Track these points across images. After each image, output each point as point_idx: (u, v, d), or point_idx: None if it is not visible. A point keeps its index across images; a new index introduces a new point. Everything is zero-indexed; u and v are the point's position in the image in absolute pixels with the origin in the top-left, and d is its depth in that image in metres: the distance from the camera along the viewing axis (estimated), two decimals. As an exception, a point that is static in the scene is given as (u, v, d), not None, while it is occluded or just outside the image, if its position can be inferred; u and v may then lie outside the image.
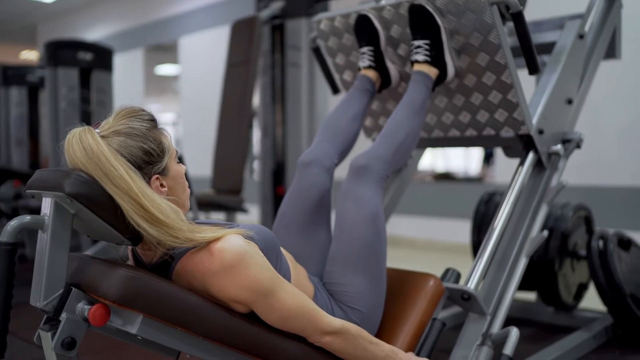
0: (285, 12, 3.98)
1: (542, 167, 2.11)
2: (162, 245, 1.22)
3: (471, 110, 2.07)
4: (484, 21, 1.85)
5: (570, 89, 2.20)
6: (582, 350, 2.43)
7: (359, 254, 1.60)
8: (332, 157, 1.85)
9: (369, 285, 1.59)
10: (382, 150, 1.74)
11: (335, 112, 1.98)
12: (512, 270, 1.93)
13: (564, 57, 2.13)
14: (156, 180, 1.25)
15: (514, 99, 1.95)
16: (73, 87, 4.56)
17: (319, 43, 2.33)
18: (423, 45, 1.93)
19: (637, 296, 2.52)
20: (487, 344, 1.79)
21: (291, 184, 1.84)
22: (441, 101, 2.13)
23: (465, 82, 2.02)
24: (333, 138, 1.89)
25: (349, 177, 1.71)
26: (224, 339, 1.27)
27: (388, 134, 1.80)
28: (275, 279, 1.29)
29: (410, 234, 5.68)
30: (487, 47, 1.90)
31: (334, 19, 2.17)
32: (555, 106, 2.12)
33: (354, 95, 2.02)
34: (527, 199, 2.07)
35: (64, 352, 1.15)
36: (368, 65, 2.06)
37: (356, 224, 1.62)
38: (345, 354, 1.41)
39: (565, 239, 2.77)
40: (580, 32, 2.20)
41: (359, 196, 1.66)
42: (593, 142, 4.35)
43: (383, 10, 2.03)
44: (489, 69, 1.94)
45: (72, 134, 1.21)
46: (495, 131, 2.07)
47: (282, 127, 4.11)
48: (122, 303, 1.14)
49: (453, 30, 1.94)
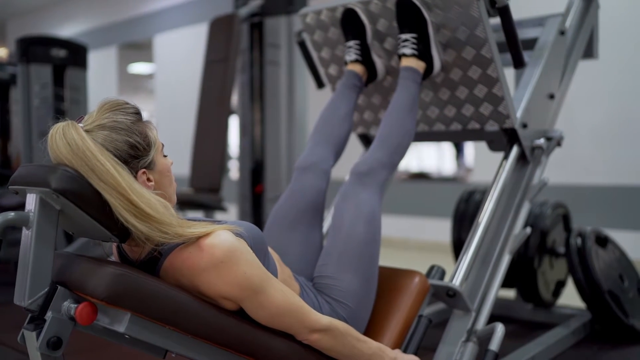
0: (264, 10, 3.95)
1: (525, 162, 2.13)
2: (151, 241, 1.20)
3: (456, 104, 2.09)
4: (471, 15, 1.87)
5: (552, 84, 2.23)
6: (562, 346, 2.46)
7: (354, 252, 1.61)
8: (328, 160, 1.88)
9: (360, 283, 1.59)
10: (381, 155, 1.78)
11: (326, 113, 1.99)
12: (495, 267, 1.94)
13: (546, 53, 2.16)
14: (143, 175, 1.23)
15: (499, 92, 1.97)
16: (46, 85, 4.47)
17: (305, 37, 2.32)
18: (410, 38, 1.93)
19: (614, 292, 2.56)
20: (472, 340, 1.80)
21: (288, 187, 1.86)
22: (427, 95, 2.14)
23: (451, 76, 2.04)
24: (327, 140, 1.92)
25: (351, 183, 1.74)
26: (212, 337, 1.25)
27: (384, 137, 1.82)
28: (264, 276, 1.28)
29: (387, 233, 5.70)
30: (474, 41, 1.92)
31: (320, 12, 2.16)
32: (538, 101, 2.14)
33: (343, 93, 2.02)
34: (509, 195, 2.09)
35: (50, 352, 1.12)
36: (354, 59, 2.06)
37: (354, 222, 1.65)
38: (332, 352, 1.41)
39: (544, 237, 2.80)
40: (561, 29, 2.23)
41: (358, 198, 1.69)
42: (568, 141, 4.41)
43: (370, 4, 2.03)
44: (475, 62, 1.96)
45: (55, 129, 1.17)
46: (480, 125, 2.09)
47: (260, 125, 4.08)
48: (110, 301, 1.12)
49: (440, 24, 1.95)
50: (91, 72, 4.82)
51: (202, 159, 3.81)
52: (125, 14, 8.37)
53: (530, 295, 2.84)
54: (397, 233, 5.67)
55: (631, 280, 2.73)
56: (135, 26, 8.21)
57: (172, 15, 7.66)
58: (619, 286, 2.61)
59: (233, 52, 3.73)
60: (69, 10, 9.36)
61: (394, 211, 5.64)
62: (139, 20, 8.15)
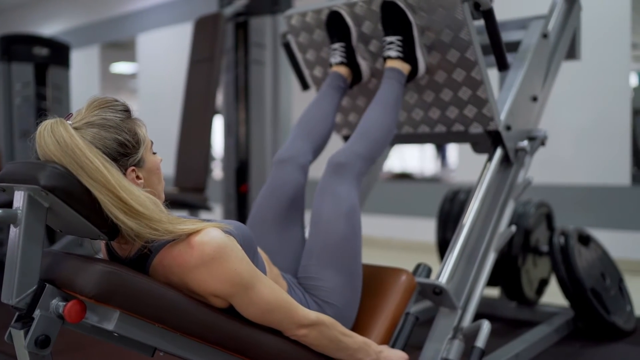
0: (249, 10, 3.95)
1: (508, 163, 2.15)
2: (140, 238, 1.19)
3: (441, 106, 2.10)
4: (455, 18, 1.88)
5: (535, 86, 2.25)
6: (545, 344, 2.49)
7: (335, 249, 1.61)
8: (307, 155, 1.87)
9: (344, 280, 1.60)
10: (358, 147, 1.77)
11: (309, 110, 1.99)
12: (481, 265, 1.96)
13: (530, 55, 2.18)
14: (132, 172, 1.22)
15: (483, 95, 1.98)
16: (28, 83, 4.42)
17: (290, 39, 2.32)
18: (395, 41, 1.94)
19: (596, 290, 2.59)
20: (458, 338, 1.81)
21: (266, 182, 1.84)
22: (411, 97, 2.15)
23: (435, 79, 2.05)
24: (307, 136, 1.91)
25: (326, 174, 1.72)
26: (202, 335, 1.25)
27: (364, 130, 1.82)
28: (254, 273, 1.28)
29: (369, 232, 5.72)
30: (458, 43, 1.93)
31: (305, 14, 2.17)
32: (522, 103, 2.17)
33: (327, 93, 2.03)
34: (494, 194, 2.11)
35: (38, 351, 1.12)
36: (339, 61, 2.06)
37: (333, 219, 1.64)
38: (319, 347, 1.42)
39: (528, 236, 2.83)
40: (544, 32, 2.25)
41: (336, 192, 1.68)
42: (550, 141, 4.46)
43: (355, 7, 2.03)
44: (459, 65, 1.97)
45: (43, 126, 1.17)
46: (464, 127, 2.10)
47: (245, 125, 4.08)
48: (99, 299, 1.11)
49: (424, 27, 1.96)
50: (74, 71, 4.78)
51: (186, 159, 3.79)
52: (108, 12, 8.30)
53: (514, 293, 2.87)
54: (381, 233, 5.69)
55: (612, 278, 2.77)
56: (118, 25, 8.15)
57: (156, 14, 7.61)
58: (601, 284, 2.65)
59: (218, 52, 3.72)
60: (51, 8, 9.26)
61: (378, 211, 5.65)
62: (122, 19, 8.09)
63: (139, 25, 7.81)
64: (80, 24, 8.75)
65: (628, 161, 4.28)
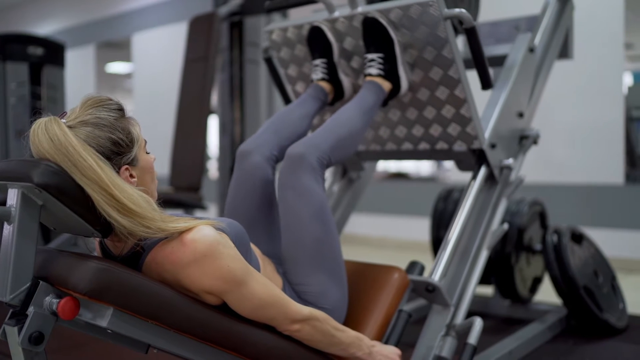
0: (244, 9, 3.96)
1: (493, 181, 2.11)
2: (133, 236, 1.20)
3: (424, 124, 2.07)
4: (438, 36, 1.84)
5: (521, 102, 2.22)
6: (539, 341, 2.50)
7: (312, 252, 1.58)
8: (272, 148, 1.77)
9: (329, 280, 1.59)
10: (320, 140, 1.68)
11: (283, 112, 1.93)
12: (474, 263, 1.98)
13: (515, 72, 2.14)
14: (126, 171, 1.23)
15: (467, 113, 1.94)
16: (23, 83, 4.42)
17: (271, 54, 2.26)
18: (377, 58, 1.90)
19: (589, 288, 2.61)
20: (451, 335, 1.83)
21: (232, 177, 1.77)
22: (394, 114, 2.11)
23: (418, 96, 2.01)
24: (276, 131, 1.83)
25: (285, 168, 1.64)
26: (195, 332, 1.26)
27: (329, 126, 1.75)
28: (247, 269, 1.29)
29: (365, 232, 5.73)
30: (441, 61, 1.89)
31: (286, 29, 2.12)
32: (507, 120, 2.13)
33: (305, 100, 1.97)
34: (485, 196, 2.10)
35: (32, 348, 1.12)
36: (321, 77, 2.01)
37: (303, 221, 1.59)
38: (313, 341, 1.44)
39: (521, 234, 2.84)
40: (530, 46, 2.22)
41: (299, 188, 1.60)
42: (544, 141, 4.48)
43: (336, 22, 1.99)
44: (443, 83, 1.93)
45: (37, 124, 1.17)
46: (448, 145, 2.06)
47: (240, 124, 4.09)
48: (93, 296, 1.12)
49: (407, 44, 1.92)
50: (69, 71, 4.78)
51: (182, 158, 3.80)
52: (103, 12, 8.30)
53: (507, 291, 2.89)
54: (376, 232, 5.71)
55: (605, 276, 2.79)
56: (113, 25, 8.14)
57: (151, 14, 7.61)
58: (593, 282, 2.66)
59: (213, 51, 3.73)
60: (46, 8, 9.25)
61: (373, 210, 5.67)
62: (117, 18, 8.08)
63: (134, 25, 7.80)
64: (75, 24, 8.74)
65: (621, 160, 4.31)
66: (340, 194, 2.51)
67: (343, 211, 2.49)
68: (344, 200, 2.51)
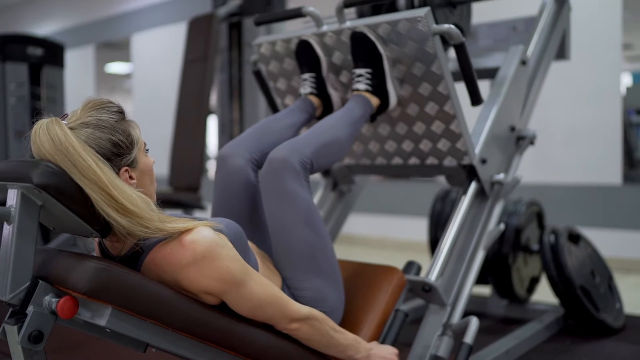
0: (243, 10, 3.98)
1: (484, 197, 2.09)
2: (132, 236, 1.21)
3: (414, 139, 2.05)
4: (426, 51, 1.82)
5: (513, 116, 2.20)
6: (536, 340, 2.52)
7: (305, 258, 1.57)
8: (252, 151, 1.74)
9: (325, 284, 1.58)
10: (302, 145, 1.64)
11: (270, 118, 1.92)
12: (470, 262, 1.99)
13: (506, 87, 2.11)
14: (125, 172, 1.24)
15: (457, 129, 1.92)
16: (22, 83, 4.43)
17: (260, 67, 2.25)
18: (364, 73, 1.89)
19: (586, 288, 2.62)
20: (447, 334, 1.84)
21: (214, 183, 1.75)
22: (384, 129, 2.10)
23: (407, 111, 1.99)
24: (259, 138, 1.79)
25: (267, 172, 1.60)
26: (194, 331, 1.27)
27: (314, 132, 1.72)
28: (245, 270, 1.30)
29: (364, 232, 5.75)
30: (430, 77, 1.87)
31: (274, 43, 2.10)
32: (499, 135, 2.11)
33: (293, 111, 1.94)
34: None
35: (31, 346, 1.13)
36: (309, 92, 1.99)
37: (292, 228, 1.57)
38: (311, 341, 1.45)
39: (518, 234, 2.86)
40: (522, 59, 2.19)
41: (284, 193, 1.57)
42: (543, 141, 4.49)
43: (325, 37, 1.98)
44: (432, 99, 1.91)
45: (39, 125, 1.19)
46: (438, 160, 2.05)
47: (239, 124, 4.10)
48: (92, 295, 1.13)
49: (395, 59, 1.90)
50: (68, 71, 4.79)
51: (180, 158, 3.81)
52: (102, 12, 8.31)
53: (505, 291, 2.90)
54: (375, 232, 5.72)
55: (602, 276, 2.80)
56: (112, 25, 8.15)
57: (150, 14, 7.63)
58: (590, 282, 2.68)
59: (212, 52, 3.75)
60: (46, 8, 9.26)
61: (372, 210, 5.68)
62: (117, 19, 8.09)
63: (134, 25, 7.82)
64: (75, 24, 8.75)
65: (619, 160, 4.32)
66: (331, 207, 2.49)
67: (334, 224, 2.47)
68: (335, 213, 2.49)
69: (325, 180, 2.49)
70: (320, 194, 2.46)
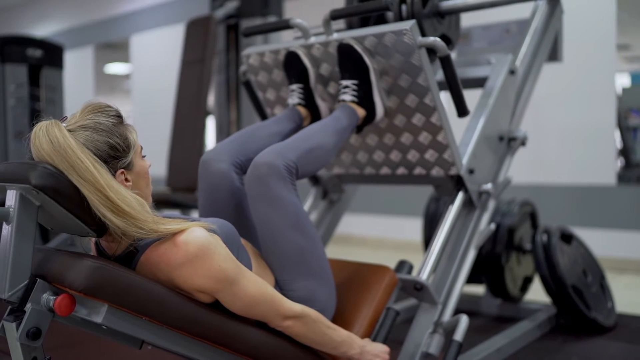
0: (240, 12, 4.01)
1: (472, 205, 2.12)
2: (127, 237, 1.25)
3: (402, 149, 2.07)
4: (412, 64, 1.84)
5: (501, 126, 2.21)
6: (528, 339, 2.55)
7: (296, 261, 1.59)
8: (235, 156, 1.75)
9: (316, 284, 1.61)
10: (286, 149, 1.64)
11: (256, 125, 1.93)
12: (461, 262, 2.03)
13: (494, 98, 2.13)
14: (121, 175, 1.28)
15: (444, 140, 1.94)
16: (22, 84, 4.46)
17: (249, 77, 2.26)
18: (351, 85, 1.91)
19: (577, 287, 2.66)
20: (438, 332, 1.88)
21: (199, 188, 1.76)
22: (372, 139, 2.12)
23: (395, 122, 2.01)
24: (244, 143, 1.80)
25: (252, 177, 1.60)
26: (187, 328, 1.31)
27: (298, 137, 1.73)
28: (238, 269, 1.34)
29: (362, 232, 5.78)
30: (416, 89, 1.89)
31: (263, 54, 2.13)
32: (487, 145, 2.13)
33: (280, 120, 1.96)
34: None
35: (29, 342, 1.17)
36: (297, 102, 2.01)
37: (281, 233, 1.58)
38: (304, 338, 1.48)
39: (512, 234, 2.89)
40: (511, 68, 2.20)
41: (270, 198, 1.57)
42: (537, 142, 4.53)
43: (312, 48, 2.00)
44: (419, 110, 1.93)
45: (39, 127, 1.22)
46: (425, 170, 2.06)
47: (236, 125, 4.14)
48: (88, 292, 1.16)
49: (382, 71, 1.92)
50: (68, 72, 4.82)
51: (178, 159, 3.85)
52: (102, 14, 8.35)
53: (498, 290, 2.93)
54: (373, 233, 5.75)
55: (594, 275, 2.84)
56: (112, 26, 8.19)
57: (149, 15, 7.66)
58: (582, 281, 2.71)
59: (209, 53, 3.78)
60: (45, 9, 9.29)
61: (370, 211, 5.71)
62: (116, 20, 8.13)
63: (133, 26, 7.85)
64: (74, 25, 8.78)
65: (613, 161, 4.36)
66: (321, 215, 2.52)
67: (324, 233, 2.50)
68: (325, 221, 2.52)
69: (315, 189, 2.52)
70: (311, 202, 2.49)
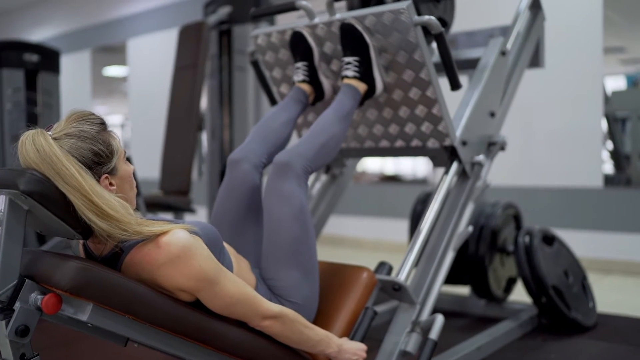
0: (232, 18, 4.08)
1: (466, 175, 2.26)
2: (113, 239, 1.32)
3: (399, 122, 2.21)
4: (409, 41, 1.99)
5: (493, 103, 2.34)
6: (510, 338, 2.62)
7: (289, 250, 1.71)
8: (260, 156, 1.94)
9: (301, 277, 1.71)
10: (304, 149, 1.84)
11: (268, 118, 2.08)
12: (440, 263, 2.09)
13: (487, 73, 2.28)
14: (105, 179, 1.35)
15: (438, 113, 2.08)
16: (18, 89, 4.53)
17: (257, 57, 2.43)
18: (353, 61, 2.05)
19: (558, 287, 2.73)
20: (416, 331, 1.94)
21: (222, 183, 1.92)
22: (372, 114, 2.26)
23: (393, 97, 2.15)
24: (263, 139, 1.99)
25: (272, 174, 1.79)
26: (169, 326, 1.37)
27: (312, 134, 1.90)
28: (218, 269, 1.41)
29: (356, 234, 5.84)
30: (413, 64, 2.03)
31: (270, 34, 2.28)
32: (479, 119, 2.26)
33: (288, 104, 2.12)
34: (454, 198, 2.23)
35: (18, 339, 1.23)
36: (302, 79, 2.17)
37: (283, 220, 1.73)
38: (283, 337, 1.55)
39: (495, 236, 2.96)
40: (502, 49, 2.35)
41: (283, 192, 1.75)
42: (525, 145, 4.60)
43: (316, 28, 2.15)
44: (415, 84, 2.07)
45: (25, 136, 1.29)
46: (422, 142, 2.21)
47: (229, 129, 4.20)
48: (74, 292, 1.23)
49: (381, 48, 2.06)
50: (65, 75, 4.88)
51: (171, 162, 3.91)
52: (99, 18, 8.42)
53: (482, 291, 3.00)
54: (369, 234, 5.81)
55: (576, 276, 2.90)
56: (109, 30, 8.26)
57: (145, 19, 7.73)
58: (563, 282, 2.78)
59: (202, 59, 3.85)
60: (42, 13, 9.36)
61: (367, 213, 5.78)
62: (113, 24, 8.20)
63: (129, 30, 7.92)
64: (72, 29, 8.85)
65: (600, 163, 4.43)
66: (323, 189, 2.70)
67: (326, 206, 2.67)
68: (327, 195, 2.70)
69: None
70: (314, 176, 2.60)
